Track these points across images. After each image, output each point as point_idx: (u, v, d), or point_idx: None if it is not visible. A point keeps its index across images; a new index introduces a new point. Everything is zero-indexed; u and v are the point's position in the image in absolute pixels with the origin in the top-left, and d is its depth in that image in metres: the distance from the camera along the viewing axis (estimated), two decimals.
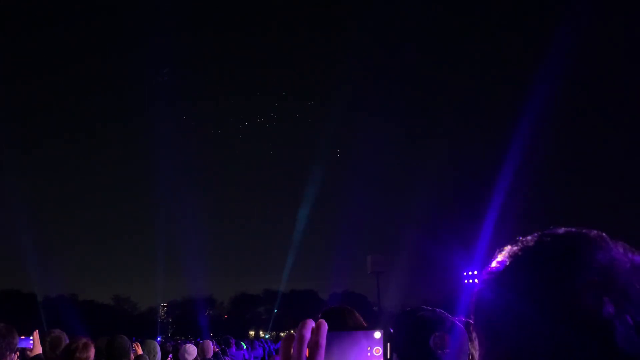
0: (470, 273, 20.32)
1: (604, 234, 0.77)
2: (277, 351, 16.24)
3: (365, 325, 2.61)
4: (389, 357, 0.94)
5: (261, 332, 67.19)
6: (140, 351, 6.28)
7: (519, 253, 0.79)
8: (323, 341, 0.92)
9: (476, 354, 0.83)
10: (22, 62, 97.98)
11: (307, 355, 0.92)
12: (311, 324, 0.94)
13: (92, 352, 4.12)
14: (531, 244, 0.79)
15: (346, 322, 2.48)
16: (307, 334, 0.92)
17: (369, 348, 0.95)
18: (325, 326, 0.93)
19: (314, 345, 0.91)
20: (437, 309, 1.99)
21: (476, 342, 0.82)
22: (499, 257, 0.81)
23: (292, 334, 0.94)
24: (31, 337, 4.59)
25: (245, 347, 15.01)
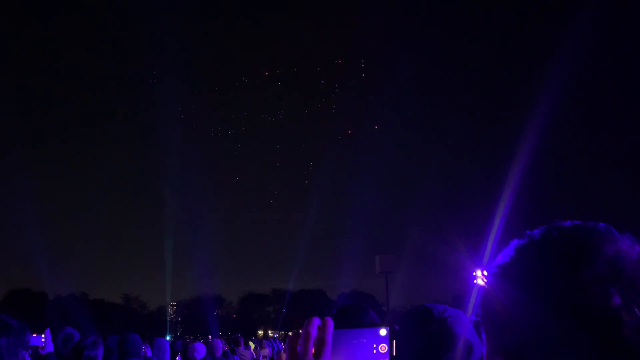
0: (479, 272, 20.25)
1: (610, 226, 0.77)
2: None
3: (379, 322, 2.62)
4: (394, 354, 0.94)
5: (270, 332, 67.37)
6: (149, 353, 6.31)
7: (526, 246, 0.79)
8: (329, 338, 0.92)
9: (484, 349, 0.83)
10: (28, 61, 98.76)
11: (313, 352, 0.92)
12: (317, 321, 0.94)
13: (100, 349, 4.16)
14: (538, 237, 0.79)
15: (360, 319, 2.50)
16: (313, 331, 0.93)
17: (374, 345, 0.95)
18: (331, 324, 0.94)
19: (320, 342, 0.92)
20: (448, 315, 1.72)
21: (484, 336, 0.82)
22: (506, 251, 0.81)
23: (299, 332, 0.95)
24: (42, 335, 4.63)
25: (253, 346, 15.05)
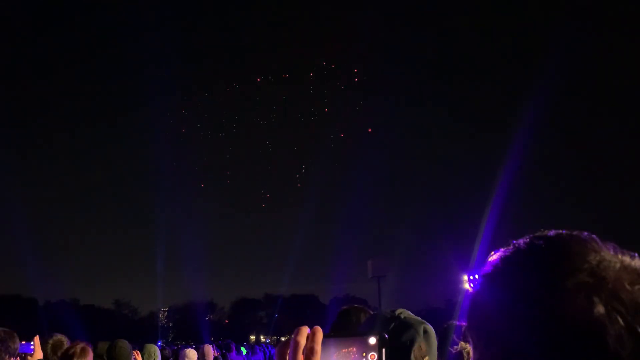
0: (471, 277, 20.31)
1: (594, 235, 0.78)
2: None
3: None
4: None
5: (262, 337, 67.14)
6: (139, 359, 6.26)
7: (511, 255, 0.79)
8: (318, 347, 0.92)
9: (472, 354, 0.83)
10: (20, 63, 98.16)
11: None
12: (306, 330, 0.94)
13: (90, 357, 4.12)
14: (523, 246, 0.79)
15: (361, 322, 2.54)
16: (302, 340, 0.93)
17: (364, 354, 0.95)
18: (320, 332, 0.94)
19: (309, 352, 0.92)
20: (400, 313, 1.85)
21: (470, 344, 0.82)
22: (491, 260, 0.81)
23: (288, 341, 0.94)
24: (32, 342, 4.58)
25: (245, 351, 14.99)
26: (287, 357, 0.92)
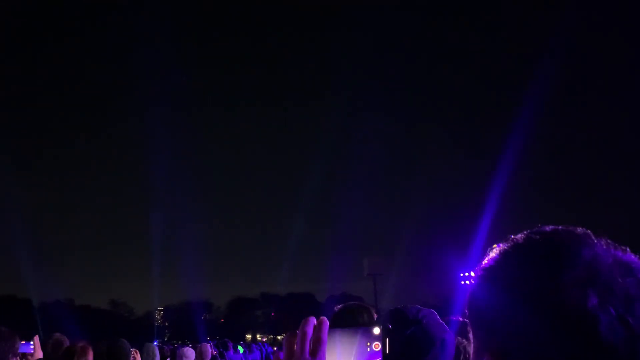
0: (466, 274, 20.38)
1: (588, 231, 0.81)
2: (274, 353, 16.26)
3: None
4: (387, 352, 0.99)
5: (258, 336, 67.16)
6: (139, 358, 6.27)
7: (509, 250, 0.82)
8: (325, 337, 0.97)
9: (470, 348, 0.87)
10: (18, 69, 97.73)
11: (309, 350, 0.97)
12: (313, 321, 0.99)
13: (90, 356, 4.14)
14: (520, 241, 0.82)
15: (363, 319, 2.56)
16: (310, 331, 0.98)
17: (368, 344, 1.00)
18: (326, 323, 0.99)
19: (316, 341, 0.97)
20: (423, 317, 1.81)
21: (470, 336, 0.86)
22: (491, 254, 0.85)
23: (295, 332, 0.99)
24: (31, 342, 4.60)
25: (242, 350, 15.02)
26: (295, 347, 0.97)
